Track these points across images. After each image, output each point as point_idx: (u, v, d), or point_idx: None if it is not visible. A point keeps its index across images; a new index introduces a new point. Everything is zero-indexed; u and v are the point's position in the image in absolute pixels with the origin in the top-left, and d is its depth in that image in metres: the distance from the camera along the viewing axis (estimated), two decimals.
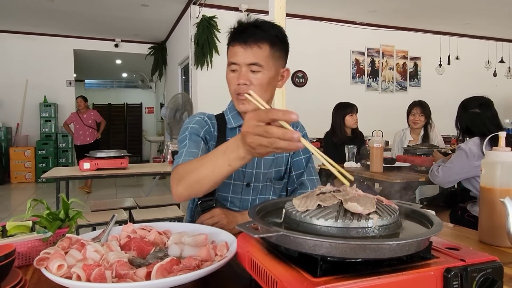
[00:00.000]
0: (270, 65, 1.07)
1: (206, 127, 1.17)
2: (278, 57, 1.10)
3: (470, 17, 6.28)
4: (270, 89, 1.11)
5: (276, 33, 1.09)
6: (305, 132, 1.28)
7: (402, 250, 0.53)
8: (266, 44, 1.06)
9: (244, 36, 1.06)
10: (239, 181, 1.17)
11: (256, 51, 1.05)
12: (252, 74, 1.06)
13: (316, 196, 0.62)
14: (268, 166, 1.18)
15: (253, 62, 1.05)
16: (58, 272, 0.65)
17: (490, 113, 2.23)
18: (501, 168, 0.92)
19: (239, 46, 1.06)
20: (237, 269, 0.75)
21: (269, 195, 1.20)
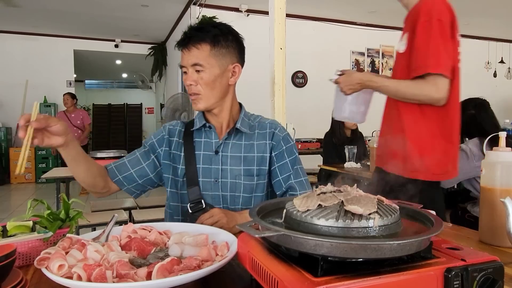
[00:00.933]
0: (213, 64, 1.14)
1: (160, 135, 1.26)
2: (222, 55, 1.15)
3: (470, 18, 6.28)
4: (219, 86, 1.17)
5: (217, 32, 1.15)
6: (286, 133, 1.28)
7: (403, 250, 0.53)
8: (206, 43, 1.13)
9: (186, 41, 1.15)
10: (208, 177, 1.20)
11: (195, 52, 1.13)
12: (197, 74, 1.14)
13: (317, 196, 0.62)
14: (235, 163, 1.20)
15: (195, 63, 1.13)
16: (58, 272, 0.65)
17: (485, 114, 2.24)
18: (502, 168, 0.92)
19: (183, 50, 1.16)
20: (238, 269, 0.75)
21: (240, 192, 1.20)
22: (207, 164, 1.20)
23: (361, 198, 0.61)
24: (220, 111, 1.22)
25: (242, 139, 1.23)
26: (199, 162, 1.20)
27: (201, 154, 1.21)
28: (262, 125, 1.27)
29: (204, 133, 1.24)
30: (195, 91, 1.15)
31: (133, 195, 1.26)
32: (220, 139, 1.22)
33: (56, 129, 0.93)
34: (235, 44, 1.19)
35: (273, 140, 1.24)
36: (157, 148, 1.25)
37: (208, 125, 1.23)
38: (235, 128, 1.22)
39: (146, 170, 1.23)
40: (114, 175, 1.21)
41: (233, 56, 1.19)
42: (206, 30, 1.15)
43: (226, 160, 1.21)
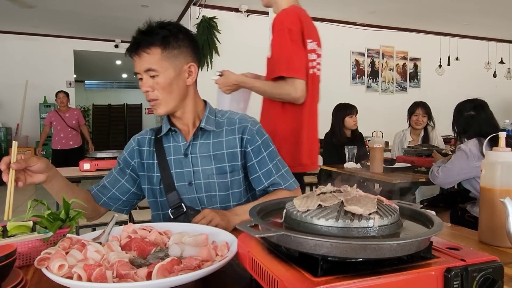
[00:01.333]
0: (167, 67, 1.11)
1: (130, 148, 1.25)
2: (175, 56, 1.12)
3: (470, 18, 6.28)
4: (177, 89, 1.14)
5: (166, 33, 1.11)
6: (260, 125, 1.25)
7: (403, 250, 0.53)
8: (156, 47, 1.10)
9: (135, 47, 1.11)
10: (182, 181, 1.18)
11: (146, 57, 1.10)
12: (152, 80, 1.11)
13: (317, 196, 0.62)
14: (206, 163, 1.18)
15: (147, 68, 1.10)
16: (59, 272, 0.65)
17: (484, 115, 2.24)
18: (501, 168, 0.92)
19: (134, 56, 1.12)
20: (238, 269, 0.75)
21: (215, 191, 1.19)
22: (179, 168, 1.19)
23: (361, 198, 0.61)
24: (183, 113, 1.19)
25: (210, 137, 1.20)
26: (172, 167, 1.19)
27: (172, 159, 1.20)
28: (230, 121, 1.23)
29: (171, 138, 1.22)
30: (152, 97, 1.12)
31: (123, 212, 1.26)
32: (187, 141, 1.20)
33: (37, 168, 0.97)
34: (187, 43, 1.15)
35: (246, 135, 1.20)
36: (130, 161, 1.24)
37: (173, 129, 1.21)
38: (200, 128, 1.19)
39: (127, 186, 1.23)
40: (99, 198, 1.21)
41: (187, 56, 1.15)
42: (155, 32, 1.11)
43: (197, 161, 1.18)
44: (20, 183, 0.93)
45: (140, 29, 1.14)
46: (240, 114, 1.27)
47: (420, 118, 3.48)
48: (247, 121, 1.23)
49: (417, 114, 3.49)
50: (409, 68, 6.98)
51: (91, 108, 11.88)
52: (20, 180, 0.94)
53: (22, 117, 7.46)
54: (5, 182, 0.91)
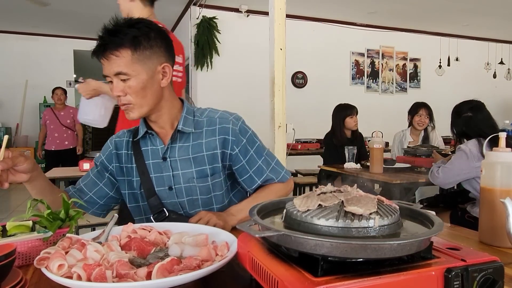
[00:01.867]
0: (138, 69, 1.02)
1: (108, 151, 1.20)
2: (147, 57, 1.03)
3: (469, 19, 6.29)
4: (150, 92, 1.05)
5: (136, 33, 1.02)
6: (242, 121, 1.19)
7: (403, 250, 0.53)
8: (126, 49, 1.01)
9: (102, 48, 1.02)
10: (162, 186, 1.14)
11: (116, 61, 1.01)
12: (123, 83, 1.03)
13: (317, 196, 0.62)
14: (185, 166, 1.13)
15: (117, 72, 1.01)
16: (58, 272, 0.65)
17: (481, 116, 2.25)
18: (501, 169, 0.92)
19: (102, 59, 1.03)
20: (238, 269, 0.75)
21: (197, 195, 1.14)
22: (158, 172, 1.14)
23: (361, 198, 0.61)
24: (159, 116, 1.12)
25: (189, 139, 1.14)
26: (151, 171, 1.14)
27: (150, 163, 1.15)
28: (210, 121, 1.16)
29: (149, 141, 1.16)
30: (124, 101, 1.05)
31: (100, 216, 1.21)
32: (165, 144, 1.14)
33: (22, 168, 0.94)
34: (159, 42, 1.06)
35: (230, 136, 1.14)
36: (108, 165, 1.19)
37: (150, 132, 1.15)
38: (178, 130, 1.13)
39: (105, 190, 1.19)
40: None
41: (160, 56, 1.06)
42: (123, 32, 1.01)
43: (176, 165, 1.13)
44: (5, 184, 0.91)
45: (107, 28, 1.03)
46: (220, 112, 1.19)
47: (423, 118, 3.48)
48: (228, 121, 1.15)
49: (421, 114, 3.49)
50: (409, 69, 6.98)
51: None
52: (3, 179, 0.91)
53: (22, 117, 7.46)
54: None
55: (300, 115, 5.24)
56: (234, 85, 5.61)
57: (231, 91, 5.56)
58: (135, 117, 1.08)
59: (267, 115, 2.65)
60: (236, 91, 5.55)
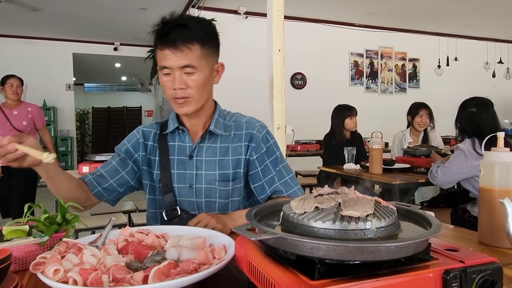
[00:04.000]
0: (204, 65, 1.05)
1: (134, 140, 1.20)
2: (210, 54, 1.08)
3: (468, 18, 6.29)
4: (208, 88, 1.10)
5: (205, 30, 1.06)
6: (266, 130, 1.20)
7: (401, 252, 0.52)
8: (196, 43, 1.03)
9: (171, 38, 1.02)
10: (182, 183, 1.14)
11: (187, 53, 1.02)
12: (187, 77, 1.04)
13: (314, 198, 0.62)
14: (210, 167, 1.14)
15: (186, 65, 1.03)
16: (54, 277, 0.64)
17: (486, 114, 2.23)
18: (500, 169, 0.91)
19: (168, 49, 1.02)
20: (235, 272, 0.74)
21: (215, 198, 1.14)
22: (181, 169, 1.14)
23: (358, 200, 0.60)
24: (199, 113, 1.14)
25: (217, 141, 1.15)
26: (173, 167, 1.14)
27: (175, 159, 1.15)
28: (238, 125, 1.18)
29: (177, 137, 1.17)
30: (184, 95, 1.05)
31: (111, 203, 1.21)
32: (194, 143, 1.15)
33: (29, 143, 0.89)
34: (217, 42, 1.12)
35: (252, 142, 1.15)
36: (134, 153, 1.18)
37: (181, 128, 1.16)
38: (209, 131, 1.14)
39: (126, 178, 1.18)
40: (93, 187, 1.15)
41: (216, 55, 1.12)
42: (194, 28, 1.04)
43: (201, 165, 1.14)
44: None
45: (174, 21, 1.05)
46: (247, 117, 1.22)
47: (424, 119, 3.48)
48: (254, 127, 1.18)
49: (421, 115, 3.49)
50: (408, 69, 6.99)
51: (91, 111, 11.88)
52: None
53: None
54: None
55: (299, 116, 5.24)
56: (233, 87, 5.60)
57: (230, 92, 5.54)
58: (189, 112, 1.09)
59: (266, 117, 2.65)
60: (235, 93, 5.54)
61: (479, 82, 7.22)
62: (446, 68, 6.55)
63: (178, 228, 0.94)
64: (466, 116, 2.26)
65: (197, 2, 5.28)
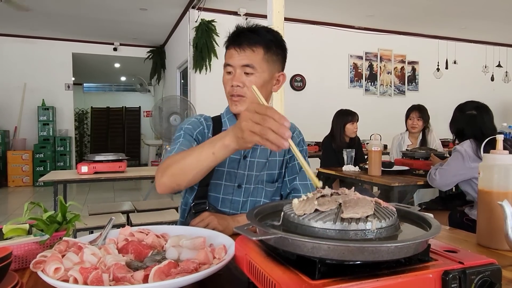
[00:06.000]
0: (264, 68, 1.10)
1: (200, 128, 1.20)
2: (273, 61, 1.13)
3: (467, 22, 6.31)
4: (264, 92, 1.13)
5: (271, 38, 1.13)
6: (302, 137, 1.28)
7: (401, 253, 0.53)
8: (260, 47, 1.10)
9: (239, 40, 1.10)
10: (231, 182, 1.17)
11: (249, 54, 1.09)
12: (245, 77, 1.10)
13: (316, 200, 0.62)
14: (260, 168, 1.19)
15: (247, 64, 1.09)
16: (55, 275, 0.65)
17: (487, 116, 2.24)
18: (499, 171, 0.91)
19: (234, 49, 1.11)
20: (235, 272, 0.75)
21: (261, 197, 1.19)
22: (233, 168, 1.17)
23: (358, 201, 0.61)
24: None
25: None
26: (224, 165, 1.17)
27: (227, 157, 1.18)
28: None
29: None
30: (240, 93, 1.11)
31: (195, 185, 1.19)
32: None
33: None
34: (283, 53, 1.17)
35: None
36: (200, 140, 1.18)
37: None
38: None
39: None
40: None
41: (280, 65, 1.17)
42: (262, 33, 1.12)
43: (253, 166, 1.18)
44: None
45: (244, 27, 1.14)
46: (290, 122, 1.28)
47: (415, 121, 3.49)
48: (294, 130, 1.26)
49: (412, 118, 3.51)
50: (407, 72, 7.00)
51: (90, 111, 11.86)
52: None
53: (20, 120, 7.45)
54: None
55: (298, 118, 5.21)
56: None
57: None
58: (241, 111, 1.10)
59: None
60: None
61: (477, 85, 7.24)
62: (445, 71, 6.57)
63: (178, 228, 0.94)
64: (466, 118, 2.26)
65: (197, 3, 5.29)
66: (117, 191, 6.58)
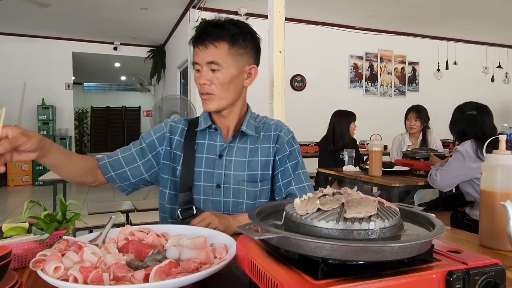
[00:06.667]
0: (230, 63, 1.08)
1: (161, 132, 1.19)
2: (240, 55, 1.10)
3: (468, 23, 6.31)
4: (234, 87, 1.11)
5: (237, 31, 1.10)
6: (292, 135, 1.23)
7: (404, 253, 0.52)
8: (224, 42, 1.08)
9: (202, 37, 1.09)
10: (209, 182, 1.15)
11: (213, 50, 1.07)
12: (212, 74, 1.08)
13: (318, 199, 0.61)
14: (239, 168, 1.15)
15: (211, 61, 1.07)
16: (54, 274, 0.64)
17: (487, 117, 2.24)
18: (502, 171, 0.91)
19: (197, 47, 1.10)
20: (237, 272, 0.74)
21: (243, 198, 1.15)
22: (209, 168, 1.15)
23: (361, 200, 0.60)
24: (230, 113, 1.17)
25: (247, 142, 1.17)
26: (201, 165, 1.15)
27: (203, 157, 1.15)
28: (267, 127, 1.21)
29: (208, 135, 1.18)
30: (208, 91, 1.09)
31: (124, 192, 1.21)
32: (225, 142, 1.16)
33: (27, 148, 0.83)
34: (252, 45, 1.14)
35: (277, 144, 1.18)
36: (157, 147, 1.18)
37: (214, 127, 1.17)
38: (240, 131, 1.16)
39: (141, 170, 1.17)
40: (107, 171, 1.15)
41: (250, 57, 1.14)
42: (225, 27, 1.09)
43: (230, 165, 1.15)
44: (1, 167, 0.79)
45: (209, 22, 1.11)
46: (275, 120, 1.26)
47: (413, 122, 3.49)
48: (281, 129, 1.21)
49: (409, 118, 3.52)
50: (407, 72, 7.00)
51: (90, 110, 11.86)
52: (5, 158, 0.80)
53: (20, 119, 7.43)
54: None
55: (298, 118, 5.24)
56: None
57: None
58: (212, 109, 1.13)
59: None
60: None
61: (478, 86, 7.24)
62: (445, 72, 6.57)
63: (179, 227, 0.93)
64: (466, 118, 2.26)
65: (198, 2, 5.28)
66: (116, 190, 6.55)
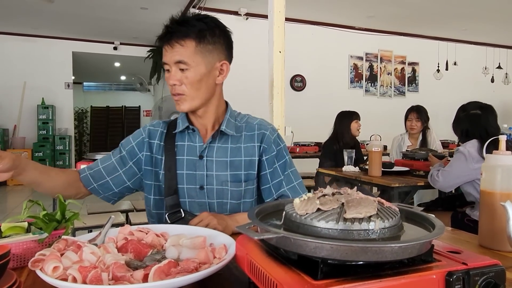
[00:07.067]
0: (198, 61, 1.05)
1: (140, 138, 1.17)
2: (209, 51, 1.06)
3: (468, 23, 6.32)
4: (205, 86, 1.08)
5: (203, 27, 1.06)
6: (277, 134, 1.20)
7: (404, 253, 0.52)
8: (191, 39, 1.04)
9: (168, 36, 1.06)
10: (192, 184, 1.12)
11: (179, 49, 1.04)
12: (181, 73, 1.05)
13: (317, 199, 0.61)
14: (221, 168, 1.12)
15: (178, 60, 1.04)
16: (53, 274, 0.64)
17: (492, 116, 2.22)
18: (502, 172, 0.91)
19: (164, 47, 1.07)
20: (236, 272, 0.74)
21: (227, 199, 1.13)
22: (191, 170, 1.12)
23: (361, 200, 0.60)
24: (205, 112, 1.13)
25: (228, 142, 1.14)
26: (183, 167, 1.12)
27: (184, 159, 1.13)
28: (249, 126, 1.17)
29: (187, 136, 1.15)
30: (179, 91, 1.06)
31: (110, 201, 1.19)
32: (204, 143, 1.13)
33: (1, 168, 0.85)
34: (222, 40, 1.10)
35: (263, 143, 1.15)
36: (137, 153, 1.15)
37: (191, 128, 1.14)
38: (220, 131, 1.13)
39: (123, 178, 1.15)
40: (88, 183, 1.13)
41: (221, 53, 1.09)
42: (191, 24, 1.05)
43: (212, 165, 1.12)
44: None
45: (175, 19, 1.08)
46: (258, 119, 1.21)
47: (414, 123, 3.49)
48: (266, 128, 1.17)
49: (410, 119, 3.51)
50: (407, 73, 7.01)
51: (89, 110, 11.86)
52: None
53: (20, 119, 7.44)
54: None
55: (298, 118, 5.24)
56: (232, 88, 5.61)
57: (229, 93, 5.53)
58: (185, 109, 1.09)
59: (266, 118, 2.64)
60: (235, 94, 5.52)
61: (477, 86, 7.25)
62: (445, 73, 6.57)
63: (178, 227, 0.93)
64: (470, 118, 2.24)
65: (197, 2, 5.28)
66: None
